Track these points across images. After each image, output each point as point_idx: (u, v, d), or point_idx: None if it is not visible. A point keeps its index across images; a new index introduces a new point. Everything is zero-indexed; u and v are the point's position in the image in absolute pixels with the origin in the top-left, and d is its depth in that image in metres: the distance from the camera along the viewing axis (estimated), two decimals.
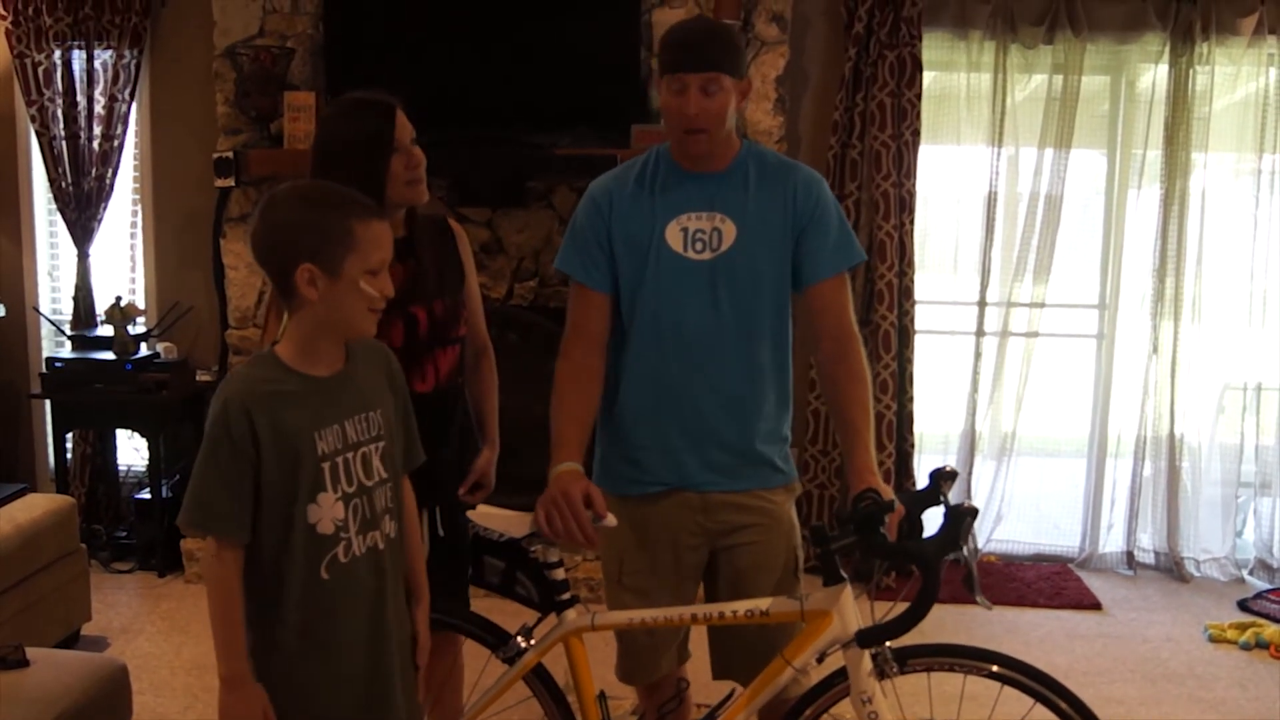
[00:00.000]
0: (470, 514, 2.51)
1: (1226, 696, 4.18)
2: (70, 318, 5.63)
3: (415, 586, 2.36)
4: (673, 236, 2.59)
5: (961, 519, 2.19)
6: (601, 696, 2.54)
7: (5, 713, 2.71)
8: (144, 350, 5.34)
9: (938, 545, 2.19)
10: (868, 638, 2.28)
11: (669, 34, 2.58)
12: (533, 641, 2.56)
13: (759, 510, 2.67)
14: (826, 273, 2.61)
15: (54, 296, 5.87)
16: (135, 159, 5.64)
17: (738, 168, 2.62)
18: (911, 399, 5.32)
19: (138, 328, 5.42)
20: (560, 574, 2.51)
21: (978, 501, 5.48)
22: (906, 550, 2.26)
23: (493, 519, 2.50)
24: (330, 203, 2.10)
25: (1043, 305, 5.41)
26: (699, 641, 2.79)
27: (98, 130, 5.45)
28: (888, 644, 2.30)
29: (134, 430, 5.41)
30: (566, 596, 2.51)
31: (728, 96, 2.50)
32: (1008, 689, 2.32)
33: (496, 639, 2.59)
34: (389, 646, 2.23)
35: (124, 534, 5.46)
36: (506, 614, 2.60)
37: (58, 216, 5.59)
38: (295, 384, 2.11)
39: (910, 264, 5.22)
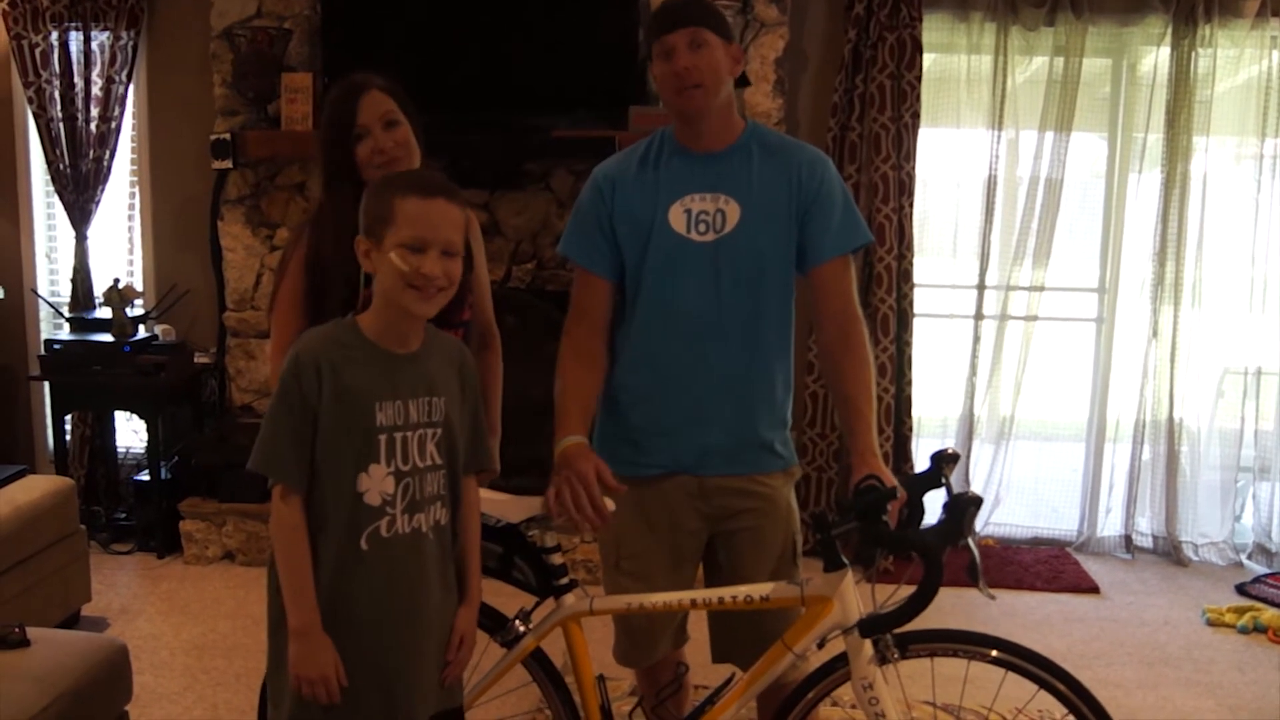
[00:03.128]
0: None
1: (1224, 680, 4.19)
2: (68, 300, 5.62)
3: (467, 586, 2.34)
4: (675, 218, 2.58)
5: (965, 509, 2.17)
6: (600, 679, 2.54)
7: (6, 692, 2.71)
8: (142, 332, 5.33)
9: (941, 535, 2.17)
10: (869, 627, 2.28)
11: (655, 10, 2.60)
12: (531, 626, 2.56)
13: (757, 495, 2.66)
14: (830, 254, 2.60)
15: (52, 279, 5.86)
16: (133, 141, 5.63)
17: (741, 148, 2.61)
18: (910, 382, 5.32)
19: (136, 310, 5.41)
20: (558, 558, 2.51)
21: (976, 485, 5.48)
22: (909, 540, 2.25)
23: (489, 504, 2.49)
24: (390, 181, 2.21)
25: (1042, 289, 5.40)
26: (699, 625, 2.79)
27: (95, 112, 5.43)
28: None
29: (132, 412, 5.40)
30: (564, 581, 2.51)
31: (715, 53, 2.50)
32: (1010, 674, 2.32)
33: (494, 623, 2.59)
34: (422, 631, 2.23)
35: (123, 515, 5.47)
36: (505, 597, 2.60)
37: (55, 198, 5.58)
38: (366, 353, 2.17)
39: (909, 247, 5.21)
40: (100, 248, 5.66)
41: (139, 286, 5.58)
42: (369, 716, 2.20)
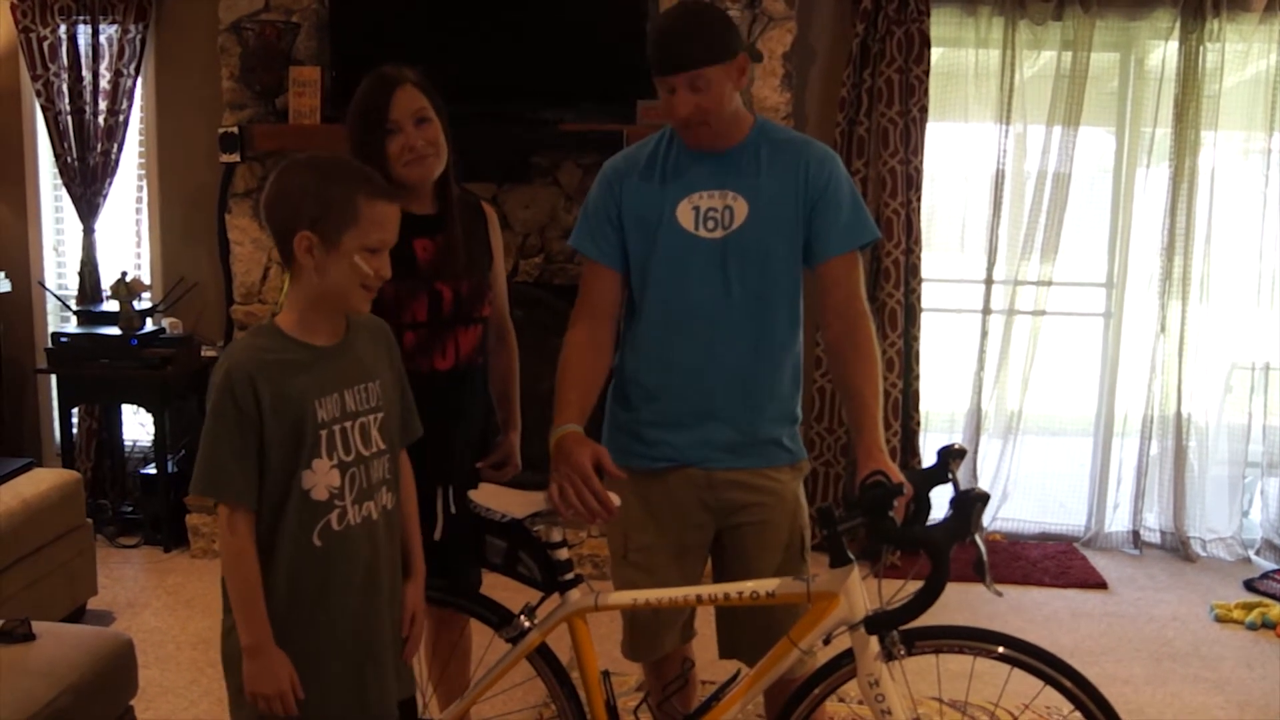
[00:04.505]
0: (472, 494, 2.50)
1: (1232, 676, 4.18)
2: (76, 293, 5.63)
3: (410, 560, 2.37)
4: (684, 215, 2.58)
5: (972, 505, 2.17)
6: (605, 675, 2.53)
7: (12, 685, 2.72)
8: (149, 325, 5.33)
9: (948, 532, 2.16)
10: (875, 624, 2.27)
11: (651, 32, 2.55)
12: (536, 621, 2.55)
13: (764, 489, 2.66)
14: (837, 250, 2.60)
15: (60, 271, 5.87)
16: (140, 134, 5.64)
17: (749, 145, 2.60)
18: (917, 377, 5.31)
19: (143, 303, 5.41)
20: (564, 554, 2.50)
21: (983, 480, 5.47)
22: (916, 536, 2.24)
23: (495, 498, 2.49)
24: (339, 175, 2.13)
25: (1050, 284, 5.39)
26: (706, 620, 2.79)
27: (103, 105, 5.43)
28: None
29: (139, 405, 5.41)
30: (570, 576, 2.50)
31: (719, 87, 2.47)
32: (1016, 670, 2.32)
33: (500, 618, 2.59)
34: (383, 617, 2.24)
35: (130, 509, 5.48)
36: (510, 593, 2.60)
37: (63, 191, 5.59)
38: (296, 352, 2.13)
39: (917, 242, 5.20)
40: (108, 241, 5.67)
41: (146, 280, 5.59)
42: (342, 712, 2.21)
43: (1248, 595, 4.94)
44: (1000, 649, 2.31)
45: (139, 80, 5.48)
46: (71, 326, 5.47)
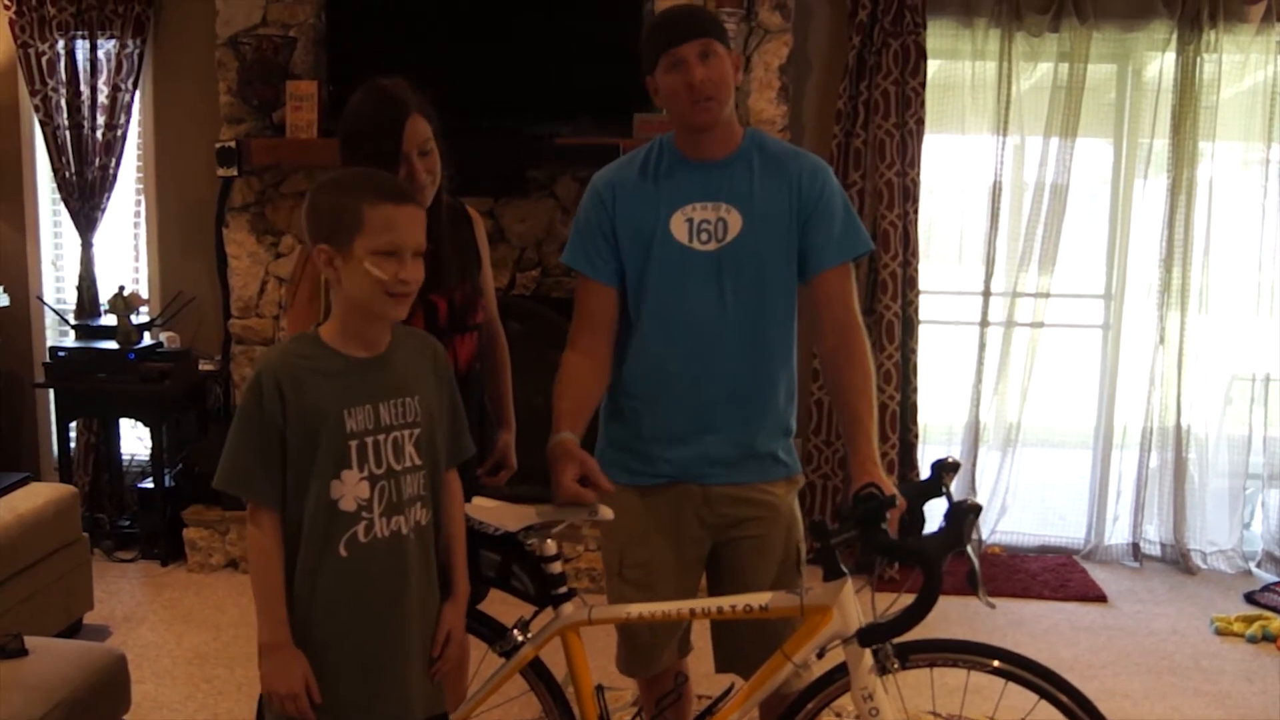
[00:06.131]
0: (466, 507, 2.49)
1: (1233, 690, 4.16)
2: (74, 307, 5.63)
3: (452, 581, 2.35)
4: (677, 227, 2.57)
5: (964, 516, 2.16)
6: (599, 690, 2.52)
7: (4, 701, 2.71)
8: (147, 340, 5.33)
9: (940, 543, 2.16)
10: (869, 636, 2.26)
11: (649, 25, 2.60)
12: (529, 635, 2.54)
13: (760, 503, 2.65)
14: (831, 262, 2.59)
15: (58, 286, 5.87)
16: (138, 149, 5.65)
17: (741, 156, 2.60)
18: (915, 389, 5.30)
19: (141, 317, 5.41)
20: (557, 567, 2.49)
21: (982, 493, 5.46)
22: (908, 549, 2.23)
23: (489, 512, 2.48)
24: (348, 186, 2.17)
25: (1048, 295, 5.38)
26: (702, 634, 2.78)
27: (101, 120, 5.44)
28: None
29: (137, 419, 5.40)
30: (563, 590, 2.49)
31: (724, 64, 2.50)
32: (1012, 684, 2.31)
33: (493, 632, 2.58)
34: (407, 633, 2.23)
35: (127, 523, 5.47)
36: (504, 607, 2.59)
37: (61, 206, 5.60)
38: (329, 362, 2.16)
39: (914, 254, 5.20)
40: (106, 255, 5.67)
41: (144, 294, 5.60)
42: None
43: (1248, 608, 4.92)
44: (995, 663, 2.29)
45: (137, 95, 5.49)
46: (69, 341, 5.47)
